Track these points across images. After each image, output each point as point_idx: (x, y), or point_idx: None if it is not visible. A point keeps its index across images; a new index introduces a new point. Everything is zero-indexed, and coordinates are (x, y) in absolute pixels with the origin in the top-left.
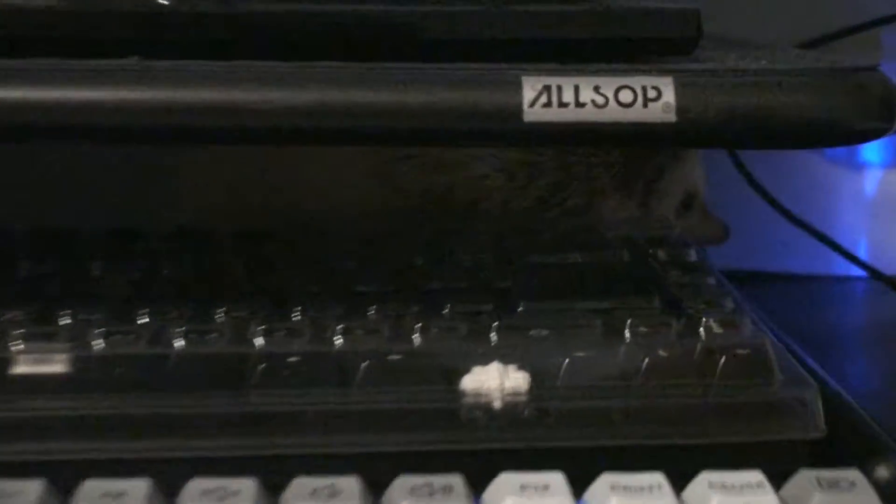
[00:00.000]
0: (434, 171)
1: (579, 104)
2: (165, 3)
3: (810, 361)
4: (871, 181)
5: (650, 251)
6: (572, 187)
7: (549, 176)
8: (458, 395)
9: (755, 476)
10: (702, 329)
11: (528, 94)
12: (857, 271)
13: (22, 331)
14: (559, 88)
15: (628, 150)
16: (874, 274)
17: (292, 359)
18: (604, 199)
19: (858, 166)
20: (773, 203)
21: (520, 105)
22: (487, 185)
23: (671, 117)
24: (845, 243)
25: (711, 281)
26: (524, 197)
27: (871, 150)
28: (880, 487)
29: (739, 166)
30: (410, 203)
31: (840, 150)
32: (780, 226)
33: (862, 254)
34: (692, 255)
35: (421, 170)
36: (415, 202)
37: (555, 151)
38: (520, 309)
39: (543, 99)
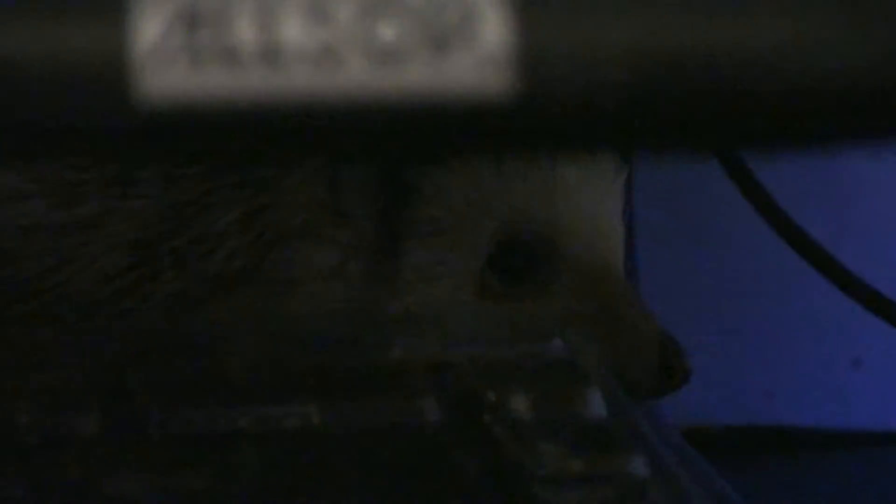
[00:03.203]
0: None
1: (271, 58)
2: None
3: None
4: None
5: (486, 397)
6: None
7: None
8: None
9: None
10: None
11: (151, 25)
12: None
13: None
14: (215, 18)
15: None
16: None
17: None
18: (295, 251)
19: None
20: (825, 264)
21: (125, 58)
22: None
23: (500, 83)
24: None
25: (637, 467)
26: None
27: None
28: None
29: (733, 168)
30: None
31: None
32: (850, 322)
33: None
34: (591, 404)
35: None
36: None
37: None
38: None
39: (177, 39)
